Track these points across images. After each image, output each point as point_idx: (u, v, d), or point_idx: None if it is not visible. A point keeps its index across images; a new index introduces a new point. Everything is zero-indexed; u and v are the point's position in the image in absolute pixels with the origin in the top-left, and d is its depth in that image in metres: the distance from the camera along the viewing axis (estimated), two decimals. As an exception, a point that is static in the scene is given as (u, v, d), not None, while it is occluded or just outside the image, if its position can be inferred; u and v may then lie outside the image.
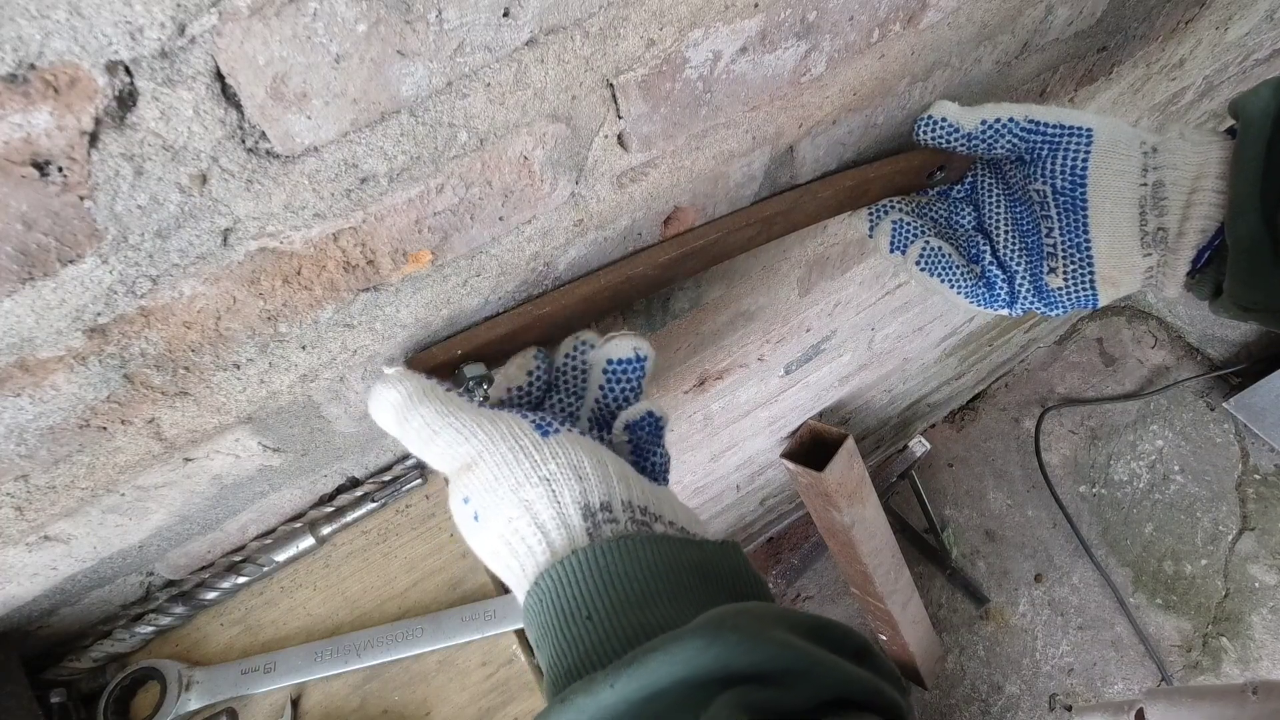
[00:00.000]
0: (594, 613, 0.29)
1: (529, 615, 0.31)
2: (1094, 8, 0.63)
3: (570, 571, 0.29)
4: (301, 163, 0.31)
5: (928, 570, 2.06)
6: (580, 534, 0.31)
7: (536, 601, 0.30)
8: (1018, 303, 0.54)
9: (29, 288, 0.28)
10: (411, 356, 0.43)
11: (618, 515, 0.32)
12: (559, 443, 0.33)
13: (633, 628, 0.28)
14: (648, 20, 0.36)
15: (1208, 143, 0.45)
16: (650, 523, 0.32)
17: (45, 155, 0.25)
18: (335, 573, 0.52)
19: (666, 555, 0.30)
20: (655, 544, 0.30)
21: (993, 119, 0.48)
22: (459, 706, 0.47)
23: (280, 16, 0.26)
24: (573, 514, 0.31)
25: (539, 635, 0.30)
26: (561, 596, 0.29)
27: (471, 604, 0.50)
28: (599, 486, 0.32)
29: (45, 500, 0.38)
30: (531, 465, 0.32)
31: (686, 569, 0.30)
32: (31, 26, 0.22)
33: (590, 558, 0.29)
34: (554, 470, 0.32)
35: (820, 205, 0.52)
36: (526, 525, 0.31)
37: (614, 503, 0.32)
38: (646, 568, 0.29)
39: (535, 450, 0.32)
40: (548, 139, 0.38)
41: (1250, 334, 2.11)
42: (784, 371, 0.99)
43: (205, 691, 0.47)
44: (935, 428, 2.28)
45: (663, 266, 0.47)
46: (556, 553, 0.31)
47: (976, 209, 0.56)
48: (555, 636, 0.29)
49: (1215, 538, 1.99)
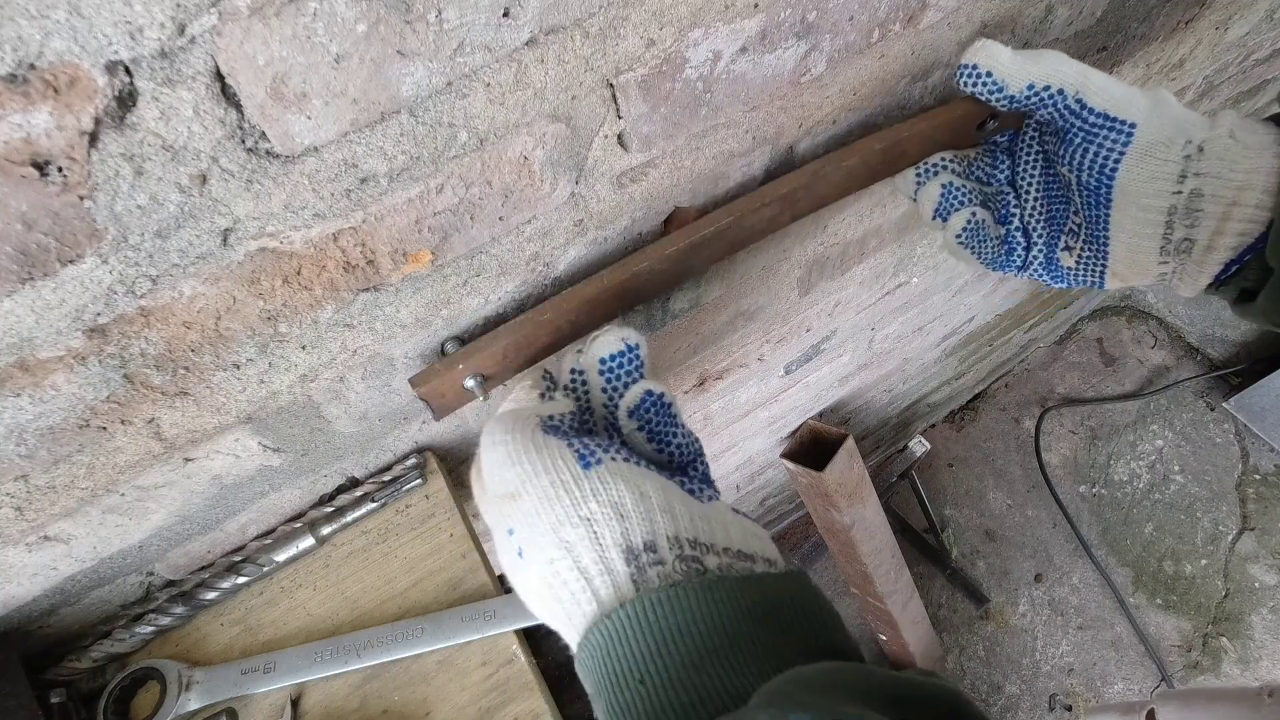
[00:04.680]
0: (647, 677, 0.27)
1: (582, 668, 0.30)
2: (1094, 7, 0.63)
3: (619, 629, 0.28)
4: (301, 163, 0.31)
5: (928, 570, 2.06)
6: (624, 581, 0.29)
7: (589, 657, 0.29)
8: (1027, 270, 0.52)
9: (29, 288, 0.28)
10: (413, 375, 0.42)
11: (664, 555, 0.30)
12: (600, 477, 0.31)
13: (689, 694, 0.26)
14: (648, 20, 0.36)
15: (1261, 149, 0.40)
16: (701, 556, 0.30)
17: (45, 155, 0.25)
18: (335, 573, 0.52)
19: (722, 603, 0.28)
20: (708, 592, 0.28)
21: (1041, 86, 0.44)
22: (459, 706, 0.47)
23: (280, 16, 0.26)
24: (615, 558, 0.30)
25: (594, 690, 0.29)
26: (612, 655, 0.28)
27: (471, 604, 0.49)
28: (641, 525, 0.30)
29: (45, 500, 0.38)
30: (572, 503, 0.30)
31: (746, 616, 0.28)
32: (31, 26, 0.22)
33: (638, 613, 0.28)
34: (594, 509, 0.30)
35: (847, 175, 0.47)
36: (569, 569, 0.30)
37: (658, 541, 0.30)
38: (700, 621, 0.27)
39: (576, 486, 0.31)
40: (548, 139, 0.38)
41: (1250, 334, 2.11)
42: (784, 371, 0.99)
43: (205, 691, 0.47)
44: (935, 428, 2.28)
45: (670, 260, 0.44)
46: (603, 603, 0.29)
47: (1013, 161, 0.51)
48: (609, 697, 0.28)
49: (1215, 538, 1.99)
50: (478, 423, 0.58)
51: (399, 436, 0.53)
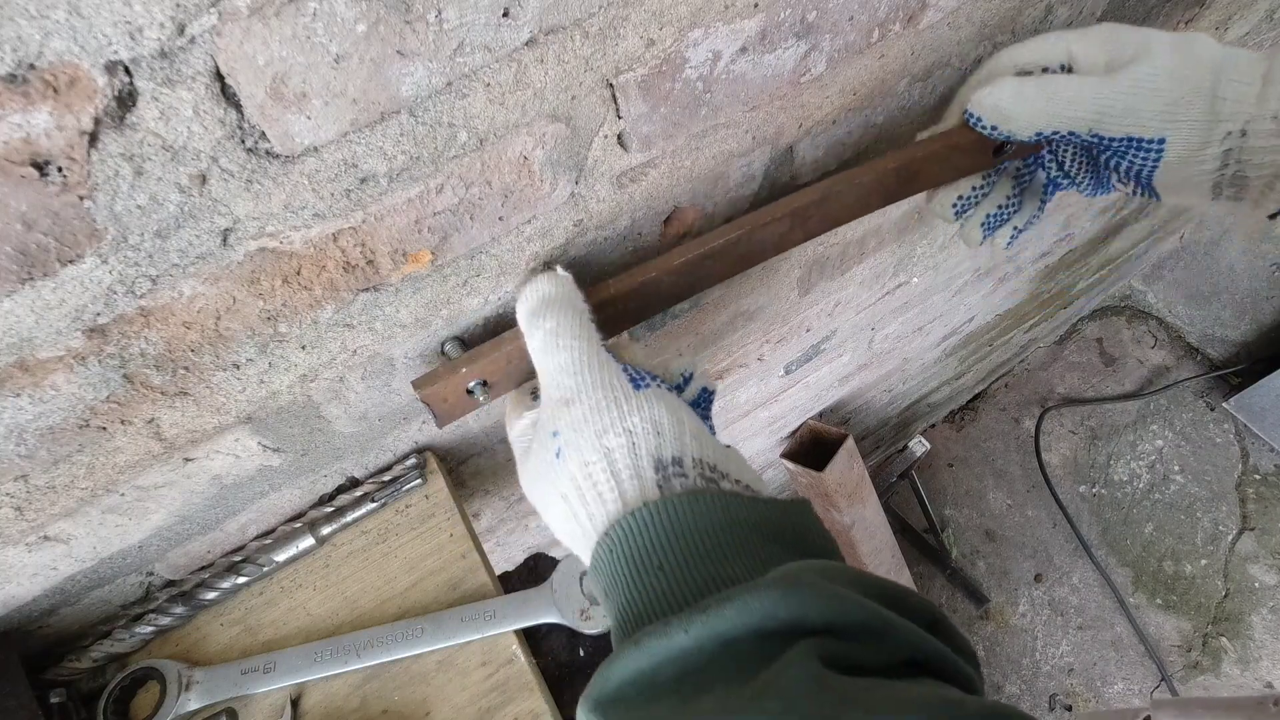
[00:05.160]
0: (665, 563, 0.29)
1: (598, 563, 0.32)
2: (1094, 7, 0.63)
3: (642, 522, 0.30)
4: (301, 163, 0.31)
5: (928, 570, 2.06)
6: (651, 486, 0.32)
7: (607, 551, 0.31)
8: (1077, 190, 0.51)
9: (29, 288, 0.28)
10: (414, 380, 0.42)
11: (688, 470, 0.33)
12: (646, 398, 0.34)
13: (704, 579, 0.29)
14: (647, 20, 0.36)
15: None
16: (718, 480, 0.33)
17: (45, 155, 0.25)
18: (335, 573, 0.52)
19: (736, 511, 0.31)
20: (724, 500, 0.31)
21: (1050, 131, 0.43)
22: (459, 706, 0.47)
23: (280, 16, 0.26)
24: (646, 466, 0.32)
25: (608, 583, 0.31)
26: (632, 546, 0.30)
27: (471, 604, 0.49)
28: (673, 442, 0.33)
29: (45, 500, 0.38)
30: (620, 414, 0.33)
31: (755, 526, 0.31)
32: (31, 26, 0.22)
33: (661, 509, 0.30)
34: (636, 423, 0.33)
35: (861, 194, 0.46)
36: (602, 471, 0.33)
37: (685, 458, 0.33)
38: (717, 522, 0.30)
39: (625, 401, 0.34)
40: (548, 139, 0.38)
41: (1250, 334, 2.11)
42: (784, 371, 0.99)
43: (205, 691, 0.47)
44: (935, 428, 2.28)
45: (677, 272, 0.43)
46: (628, 503, 0.32)
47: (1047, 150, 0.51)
48: (626, 584, 0.30)
49: (1215, 538, 1.99)
50: (478, 423, 0.58)
51: (399, 436, 0.53)
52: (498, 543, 0.84)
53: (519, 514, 0.80)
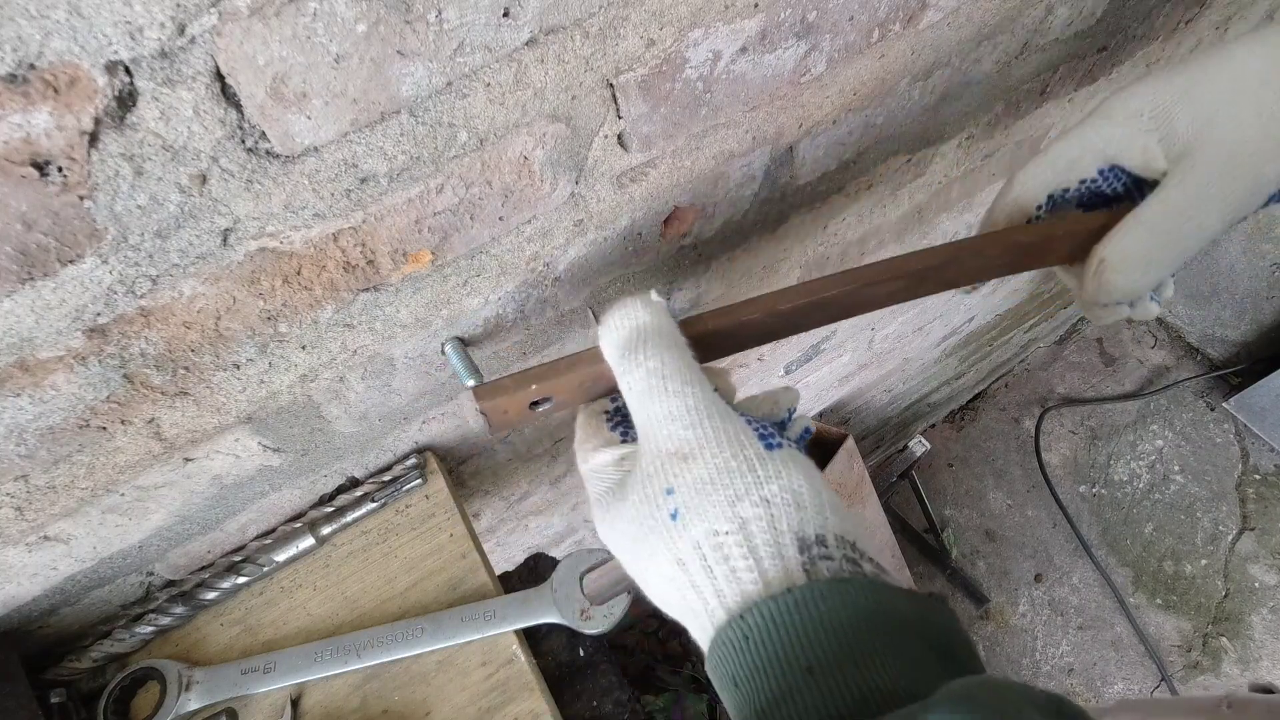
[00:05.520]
0: (815, 665, 0.26)
1: (723, 649, 0.28)
2: (1094, 8, 0.63)
3: (787, 612, 0.27)
4: (301, 163, 0.31)
5: (928, 570, 2.06)
6: (796, 568, 0.28)
7: (740, 637, 0.27)
8: None
9: (29, 288, 0.28)
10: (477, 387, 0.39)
11: (832, 552, 0.29)
12: (782, 460, 0.30)
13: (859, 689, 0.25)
14: (647, 20, 0.36)
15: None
16: (859, 561, 0.29)
17: (45, 155, 0.25)
18: (335, 573, 0.52)
19: (885, 606, 0.27)
20: (875, 592, 0.27)
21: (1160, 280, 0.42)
22: (459, 706, 0.47)
23: (280, 16, 0.26)
24: (789, 544, 0.29)
25: (738, 674, 0.28)
26: (774, 638, 0.27)
27: (471, 604, 0.50)
28: (815, 518, 0.29)
29: (45, 500, 0.38)
30: (755, 480, 0.29)
31: (907, 623, 0.27)
32: (31, 26, 0.22)
33: (810, 599, 0.27)
34: (775, 492, 0.29)
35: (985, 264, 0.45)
36: (736, 546, 0.28)
37: (828, 536, 0.29)
38: (867, 619, 0.27)
39: (760, 465, 0.30)
40: (548, 139, 0.38)
41: (1250, 334, 2.11)
42: (784, 371, 0.99)
43: (205, 691, 0.47)
44: (935, 428, 2.28)
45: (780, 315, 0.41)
46: (769, 585, 0.28)
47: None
48: (764, 684, 0.27)
49: (1215, 538, 1.99)
50: (478, 423, 0.58)
51: (399, 436, 0.53)
52: (498, 543, 0.84)
53: (519, 514, 0.80)
